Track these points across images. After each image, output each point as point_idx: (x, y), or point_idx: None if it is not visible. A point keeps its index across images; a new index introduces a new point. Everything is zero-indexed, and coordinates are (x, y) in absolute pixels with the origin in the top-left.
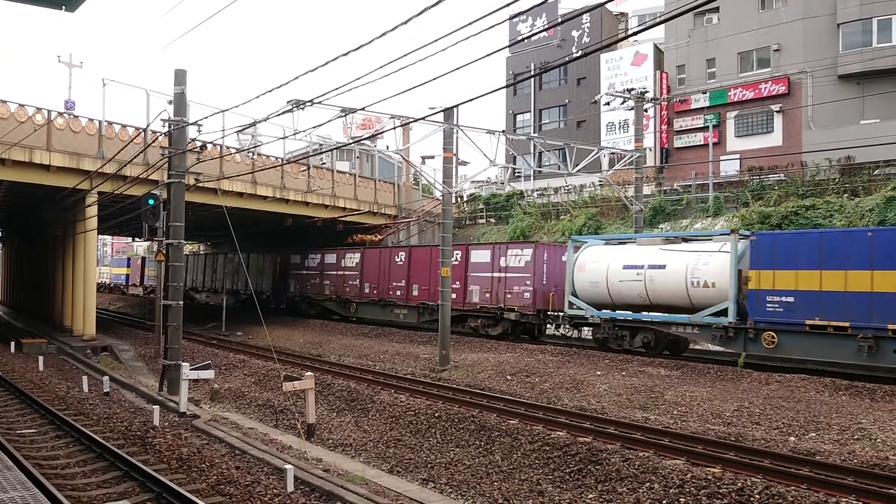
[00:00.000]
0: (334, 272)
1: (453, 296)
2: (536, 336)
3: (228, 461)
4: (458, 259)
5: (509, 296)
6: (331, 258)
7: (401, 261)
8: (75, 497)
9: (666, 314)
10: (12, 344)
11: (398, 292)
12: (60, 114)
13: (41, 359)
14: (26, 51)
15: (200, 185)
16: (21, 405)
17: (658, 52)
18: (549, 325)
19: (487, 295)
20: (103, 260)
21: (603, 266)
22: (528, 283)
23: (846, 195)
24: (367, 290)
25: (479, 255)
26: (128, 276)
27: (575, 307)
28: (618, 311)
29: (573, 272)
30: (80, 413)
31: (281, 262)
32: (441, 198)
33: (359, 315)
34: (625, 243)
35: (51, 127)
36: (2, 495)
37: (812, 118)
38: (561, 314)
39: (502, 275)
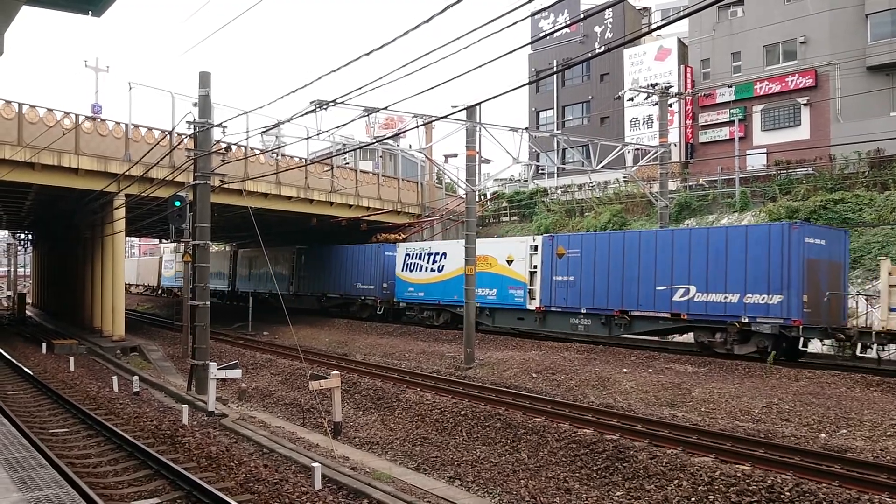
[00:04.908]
0: None
1: None
2: None
3: (256, 459)
4: None
5: None
6: None
7: None
8: (107, 495)
9: None
10: (44, 345)
11: None
12: (88, 118)
13: (72, 359)
14: (53, 55)
15: (226, 186)
16: (53, 405)
17: (682, 47)
18: None
19: None
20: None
21: None
22: None
23: (876, 189)
24: None
25: None
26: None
27: None
28: None
29: None
30: (111, 412)
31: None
32: (464, 196)
33: None
34: None
35: (78, 131)
36: (37, 493)
37: (840, 111)
38: None
39: None
